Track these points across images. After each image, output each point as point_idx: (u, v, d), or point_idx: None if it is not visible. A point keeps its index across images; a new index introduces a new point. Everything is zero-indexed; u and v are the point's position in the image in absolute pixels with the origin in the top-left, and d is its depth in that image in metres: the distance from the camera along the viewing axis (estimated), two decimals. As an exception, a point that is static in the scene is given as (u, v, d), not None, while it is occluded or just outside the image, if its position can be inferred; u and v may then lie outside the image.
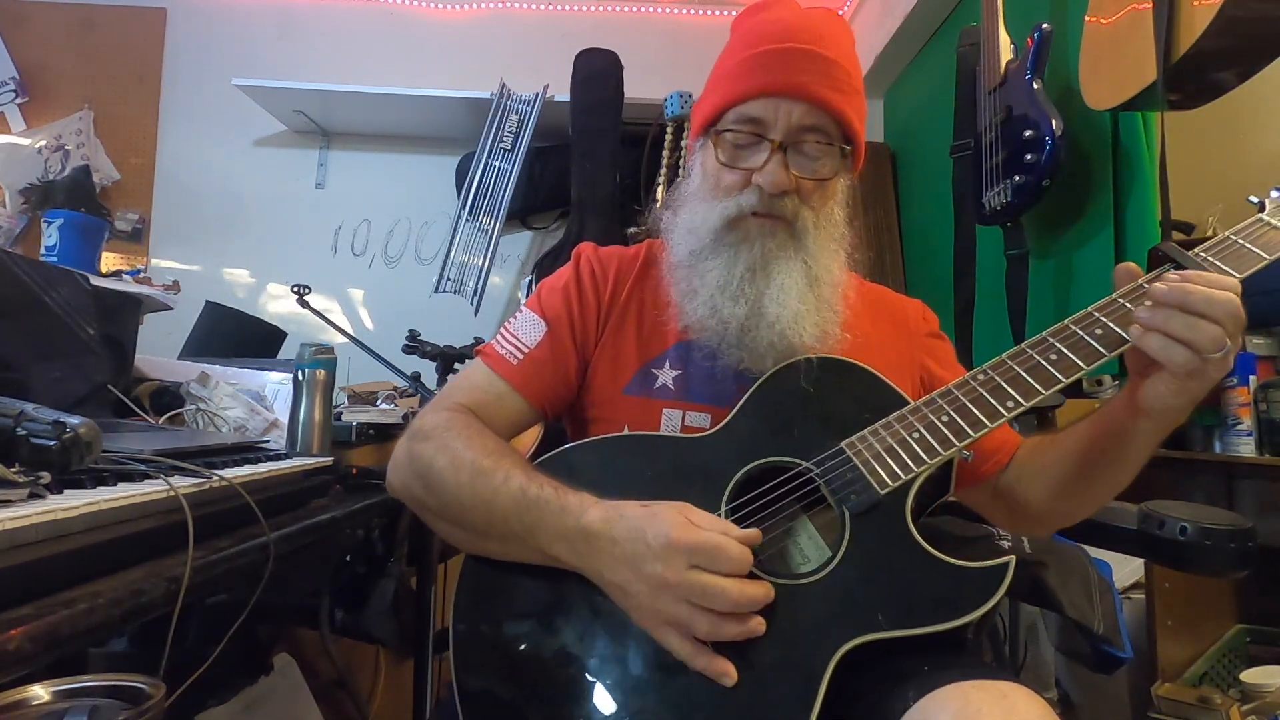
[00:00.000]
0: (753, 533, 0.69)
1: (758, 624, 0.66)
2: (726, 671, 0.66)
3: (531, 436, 1.18)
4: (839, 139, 0.85)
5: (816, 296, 0.85)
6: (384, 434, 1.43)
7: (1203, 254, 0.74)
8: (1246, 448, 1.43)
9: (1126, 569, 1.64)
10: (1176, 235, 1.51)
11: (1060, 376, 0.72)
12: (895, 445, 0.75)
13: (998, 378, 0.75)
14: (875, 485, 0.73)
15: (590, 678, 0.70)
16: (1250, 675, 1.46)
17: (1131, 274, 0.75)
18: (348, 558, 1.38)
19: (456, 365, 1.78)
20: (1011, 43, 1.61)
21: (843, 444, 0.77)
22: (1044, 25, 1.50)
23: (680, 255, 0.89)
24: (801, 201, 0.84)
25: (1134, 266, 0.75)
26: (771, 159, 0.82)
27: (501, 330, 0.93)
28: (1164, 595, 1.53)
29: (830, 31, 0.85)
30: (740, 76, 0.85)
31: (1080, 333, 0.73)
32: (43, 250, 1.97)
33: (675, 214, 0.92)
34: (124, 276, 1.91)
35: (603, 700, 0.68)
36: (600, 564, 0.70)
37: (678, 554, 0.66)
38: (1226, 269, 0.72)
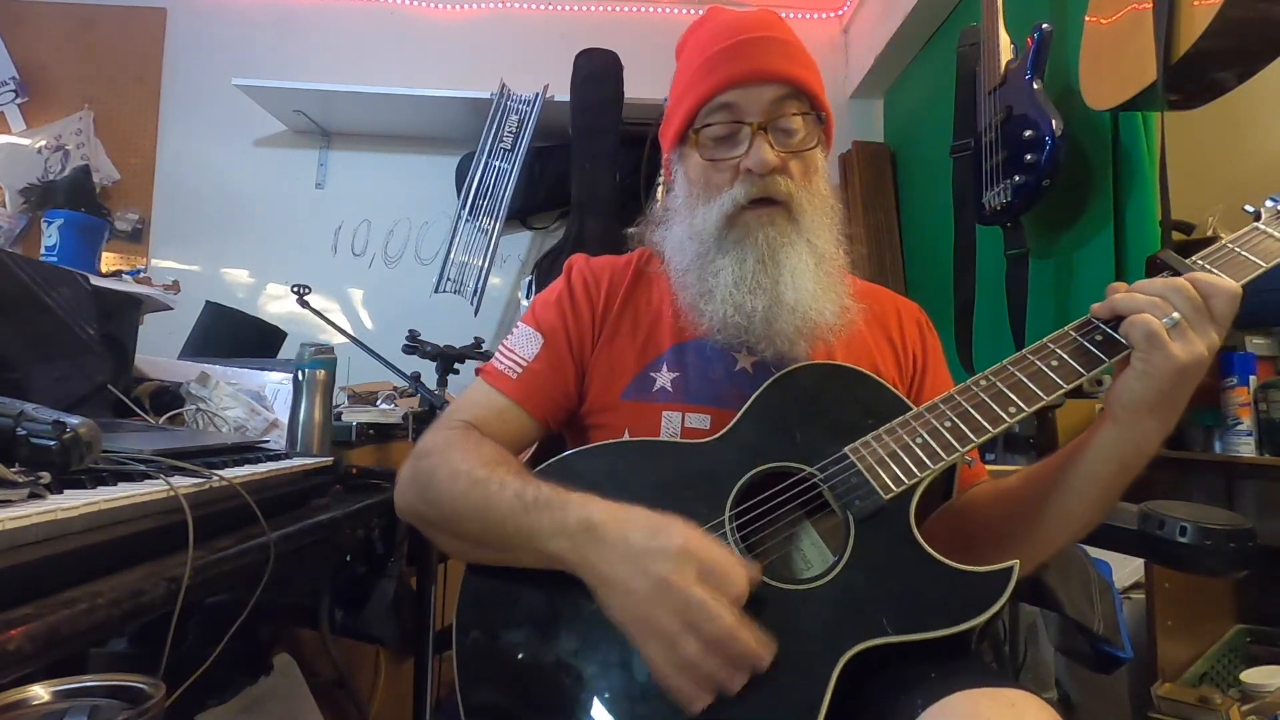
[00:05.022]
0: (757, 569, 0.68)
1: (740, 680, 0.63)
2: (694, 699, 0.63)
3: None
4: (810, 108, 0.87)
5: (825, 273, 0.88)
6: (384, 434, 1.43)
7: (1201, 261, 0.75)
8: (1246, 448, 1.43)
9: (1126, 569, 1.63)
10: (1177, 235, 1.51)
11: (1062, 383, 0.72)
12: (899, 450, 0.75)
13: (1000, 383, 0.75)
14: (879, 490, 0.73)
15: (594, 686, 0.69)
16: (1250, 675, 1.46)
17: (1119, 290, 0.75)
18: (348, 558, 1.38)
19: (456, 365, 1.78)
20: (1011, 43, 1.61)
21: (846, 449, 0.77)
22: (1044, 25, 1.51)
23: (685, 262, 0.90)
24: (791, 181, 0.86)
25: (1123, 285, 0.75)
26: (754, 140, 0.84)
27: (499, 348, 0.95)
28: (1164, 595, 1.53)
29: (776, 20, 0.90)
30: (704, 76, 0.87)
31: (1080, 339, 0.74)
32: (43, 250, 1.96)
33: (667, 228, 0.94)
34: (124, 276, 1.91)
35: (606, 709, 0.68)
36: (600, 557, 0.68)
37: (691, 562, 0.65)
38: (1224, 276, 0.72)
